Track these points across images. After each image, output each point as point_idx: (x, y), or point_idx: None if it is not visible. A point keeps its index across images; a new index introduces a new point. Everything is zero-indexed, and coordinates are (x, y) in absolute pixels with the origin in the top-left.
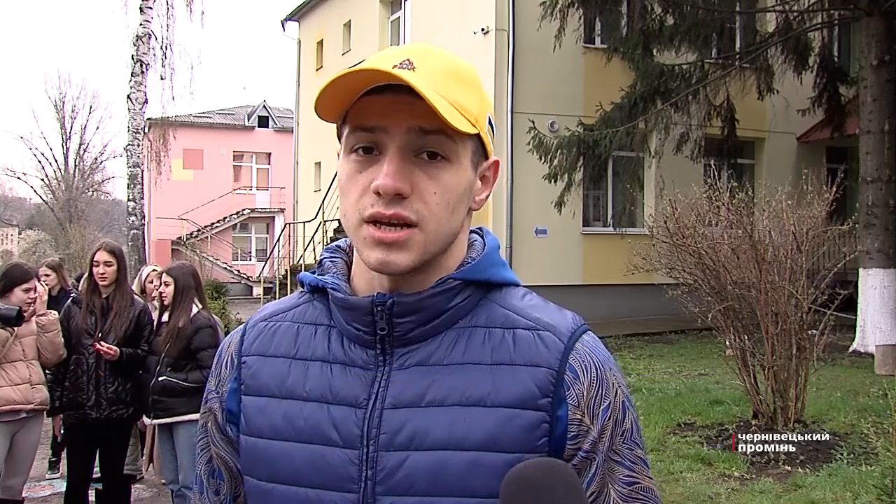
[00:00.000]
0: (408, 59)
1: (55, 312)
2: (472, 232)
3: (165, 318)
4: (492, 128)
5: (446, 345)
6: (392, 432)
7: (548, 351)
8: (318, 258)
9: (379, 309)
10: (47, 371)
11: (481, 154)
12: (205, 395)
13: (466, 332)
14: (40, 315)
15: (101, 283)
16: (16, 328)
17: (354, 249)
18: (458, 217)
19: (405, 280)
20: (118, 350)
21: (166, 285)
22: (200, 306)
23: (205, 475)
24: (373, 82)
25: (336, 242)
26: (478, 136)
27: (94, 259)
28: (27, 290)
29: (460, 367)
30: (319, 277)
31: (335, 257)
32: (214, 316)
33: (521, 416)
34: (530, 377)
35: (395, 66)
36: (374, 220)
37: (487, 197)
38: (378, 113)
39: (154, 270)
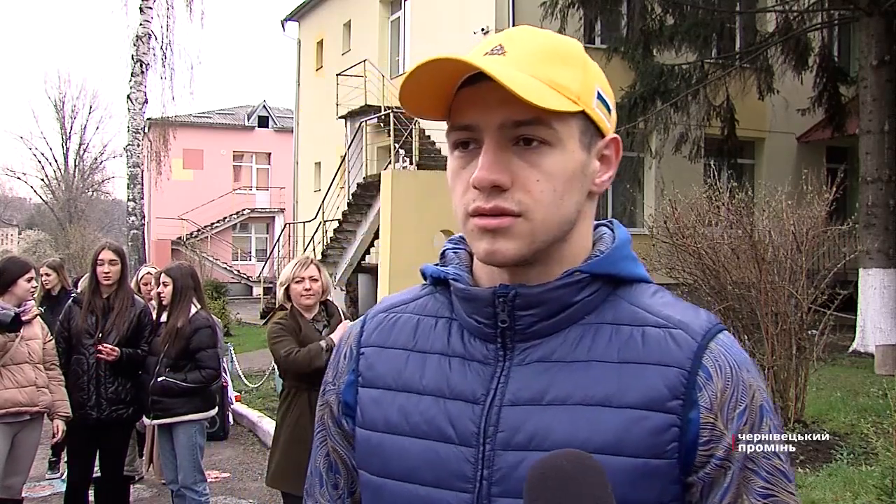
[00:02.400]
0: (500, 45)
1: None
2: (601, 225)
3: (165, 318)
4: (604, 102)
5: (571, 341)
6: (510, 431)
7: (679, 350)
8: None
9: (501, 300)
10: None
11: (594, 132)
12: (322, 388)
13: (592, 329)
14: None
15: (105, 282)
16: (17, 332)
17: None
18: (569, 203)
19: (525, 271)
20: (119, 351)
21: (165, 285)
22: (199, 306)
23: (323, 469)
24: (458, 74)
25: (460, 234)
26: (584, 114)
27: (99, 258)
28: (29, 280)
29: (585, 364)
30: (442, 269)
31: (459, 248)
32: (213, 316)
33: (649, 419)
34: (660, 377)
35: (486, 54)
36: (479, 213)
37: (611, 178)
38: (472, 107)
39: (148, 273)
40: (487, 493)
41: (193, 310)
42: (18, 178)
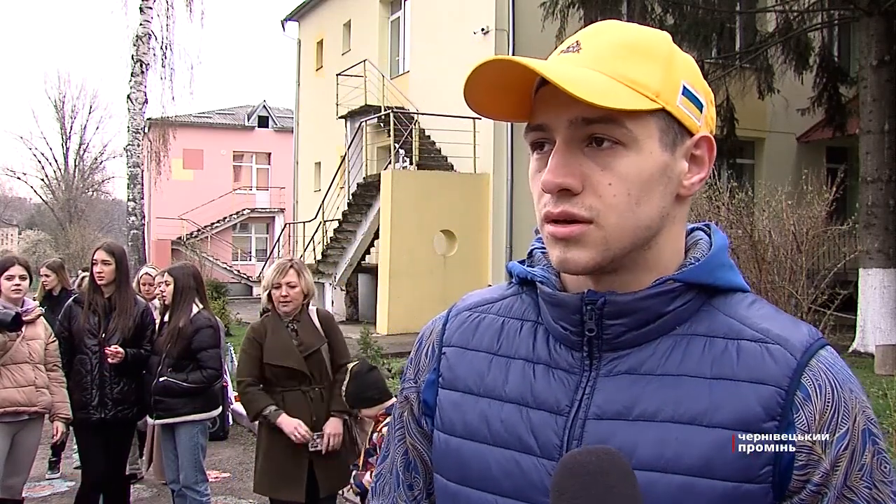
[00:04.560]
0: (577, 41)
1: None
2: (698, 229)
3: (167, 318)
4: (692, 98)
5: (661, 353)
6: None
7: (777, 367)
8: (528, 248)
9: (589, 308)
10: None
11: (679, 131)
12: (401, 385)
13: (684, 340)
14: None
15: (98, 282)
16: (16, 332)
17: None
18: (648, 208)
19: (611, 278)
20: (124, 352)
21: (167, 285)
22: (201, 306)
23: (400, 468)
24: (529, 76)
25: None
26: (666, 111)
27: (94, 258)
28: (10, 279)
29: (675, 378)
30: (529, 269)
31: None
32: (215, 316)
33: (742, 440)
34: (754, 395)
35: (562, 52)
36: (551, 220)
37: (703, 180)
38: (544, 107)
39: (147, 274)
40: None
41: (195, 310)
42: (18, 178)
